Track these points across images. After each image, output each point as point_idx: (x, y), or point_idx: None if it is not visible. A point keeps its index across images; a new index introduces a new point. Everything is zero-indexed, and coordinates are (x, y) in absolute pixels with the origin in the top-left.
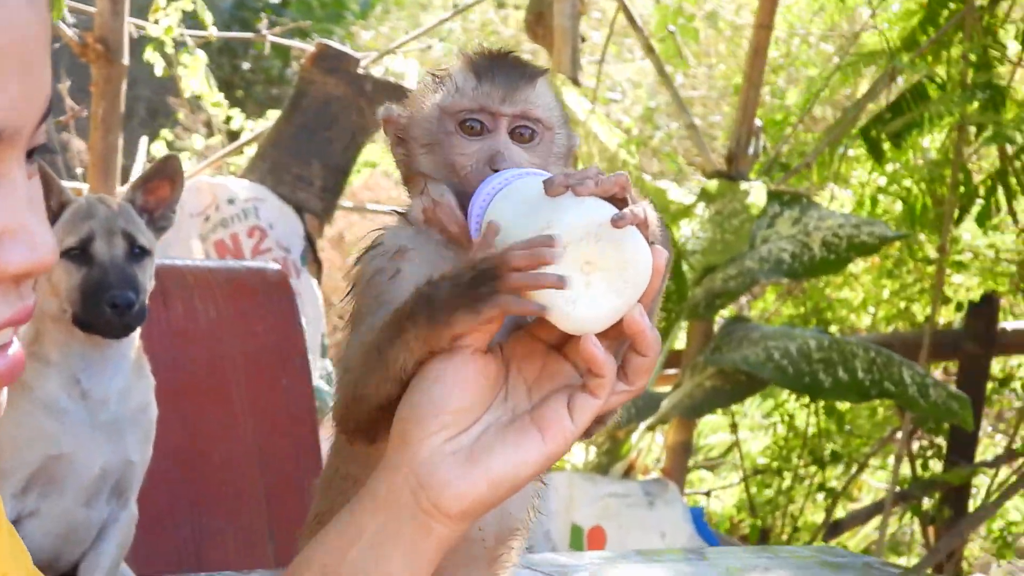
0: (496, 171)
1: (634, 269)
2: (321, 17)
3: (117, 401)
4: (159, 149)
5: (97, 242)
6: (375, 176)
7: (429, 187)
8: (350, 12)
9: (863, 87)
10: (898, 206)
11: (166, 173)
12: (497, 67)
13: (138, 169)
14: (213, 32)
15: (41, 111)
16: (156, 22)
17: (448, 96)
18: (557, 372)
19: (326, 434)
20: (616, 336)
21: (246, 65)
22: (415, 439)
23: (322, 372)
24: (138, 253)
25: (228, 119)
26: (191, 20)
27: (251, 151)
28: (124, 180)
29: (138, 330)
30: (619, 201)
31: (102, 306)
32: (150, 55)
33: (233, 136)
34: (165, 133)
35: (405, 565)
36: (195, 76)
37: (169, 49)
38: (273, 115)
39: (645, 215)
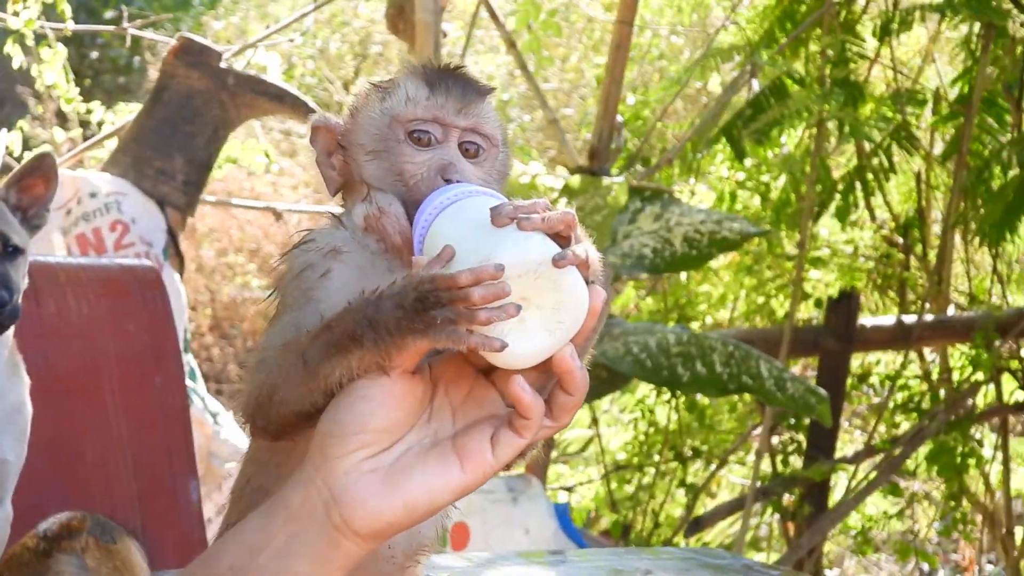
0: (448, 181)
1: (569, 309)
2: (169, 7)
3: None
4: (15, 140)
5: None
6: (229, 170)
7: (376, 195)
8: (198, 1)
9: (715, 83)
10: (756, 201)
11: (40, 171)
12: (451, 80)
13: None
14: (72, 25)
15: None
16: (16, 14)
17: (399, 104)
18: (484, 399)
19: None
20: (544, 371)
21: (94, 54)
22: (334, 454)
23: (184, 367)
24: (11, 252)
25: (88, 111)
26: (49, 11)
27: (111, 144)
28: None
29: (11, 329)
30: (562, 238)
31: None
32: (10, 48)
33: (87, 127)
34: (21, 123)
35: (310, 573)
36: (53, 69)
37: (29, 42)
38: (127, 107)
39: (586, 255)
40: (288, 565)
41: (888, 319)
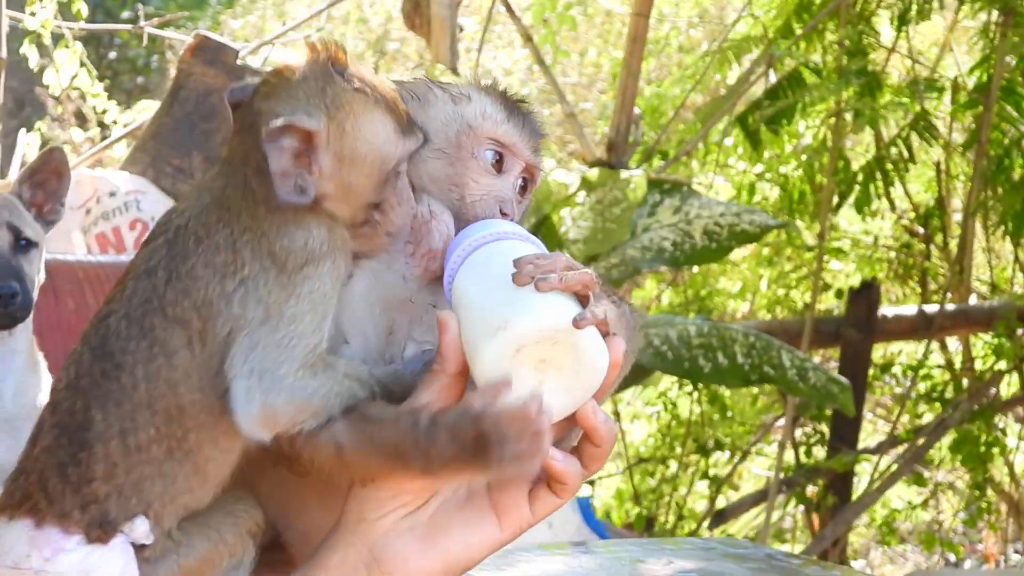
0: (505, 214)
1: (588, 370)
2: (185, 5)
3: (12, 397)
4: (33, 141)
5: None
6: None
7: (431, 202)
8: (216, 0)
9: (734, 75)
10: (775, 193)
11: (51, 166)
12: (526, 112)
13: (16, 162)
14: (87, 24)
15: None
16: (33, 14)
17: (476, 116)
18: None
19: None
20: (569, 426)
21: (112, 55)
22: (372, 516)
23: None
24: (24, 245)
25: (103, 111)
26: (62, 11)
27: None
28: (3, 173)
29: (30, 326)
30: (582, 297)
31: None
32: (26, 48)
33: (105, 128)
34: (40, 125)
35: None
36: (72, 66)
37: (46, 41)
38: (145, 105)
39: (604, 315)
40: None
41: (909, 309)
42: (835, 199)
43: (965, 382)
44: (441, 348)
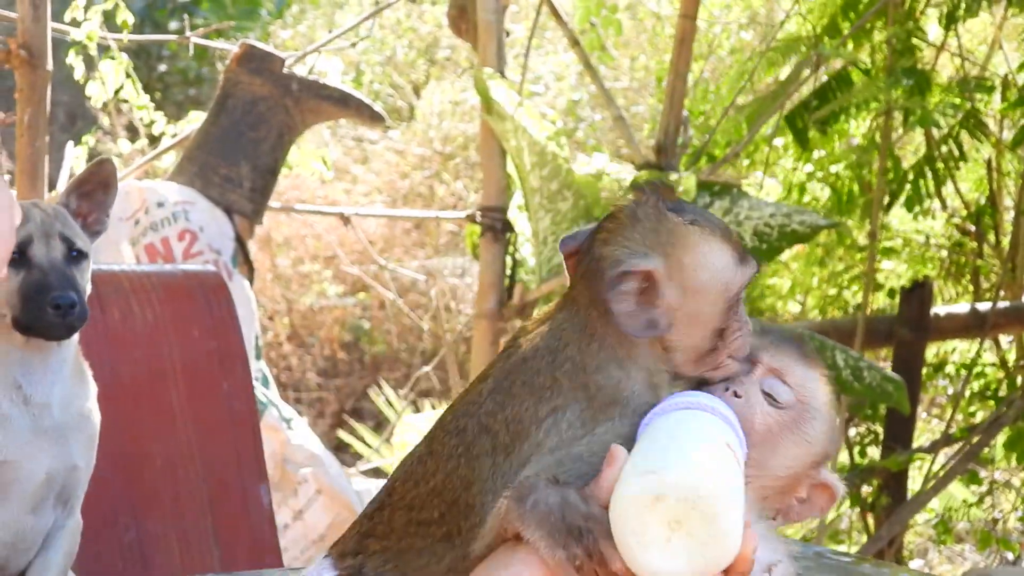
0: (737, 396)
1: (718, 547)
2: (235, 16)
3: (60, 406)
4: (82, 154)
5: (35, 245)
6: (303, 178)
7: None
8: (265, 11)
9: (783, 74)
10: (825, 193)
11: (100, 177)
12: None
13: (64, 174)
14: (134, 35)
15: None
16: (78, 25)
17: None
18: None
19: (265, 435)
20: None
21: (162, 67)
22: None
23: (256, 374)
24: (76, 256)
25: (151, 123)
26: (108, 22)
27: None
28: (51, 187)
29: (76, 336)
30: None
31: (44, 308)
32: (72, 59)
33: (154, 140)
34: (87, 139)
35: None
36: (118, 78)
37: (91, 52)
38: (195, 115)
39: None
40: None
41: (962, 307)
42: (886, 198)
43: (1019, 380)
44: (599, 478)
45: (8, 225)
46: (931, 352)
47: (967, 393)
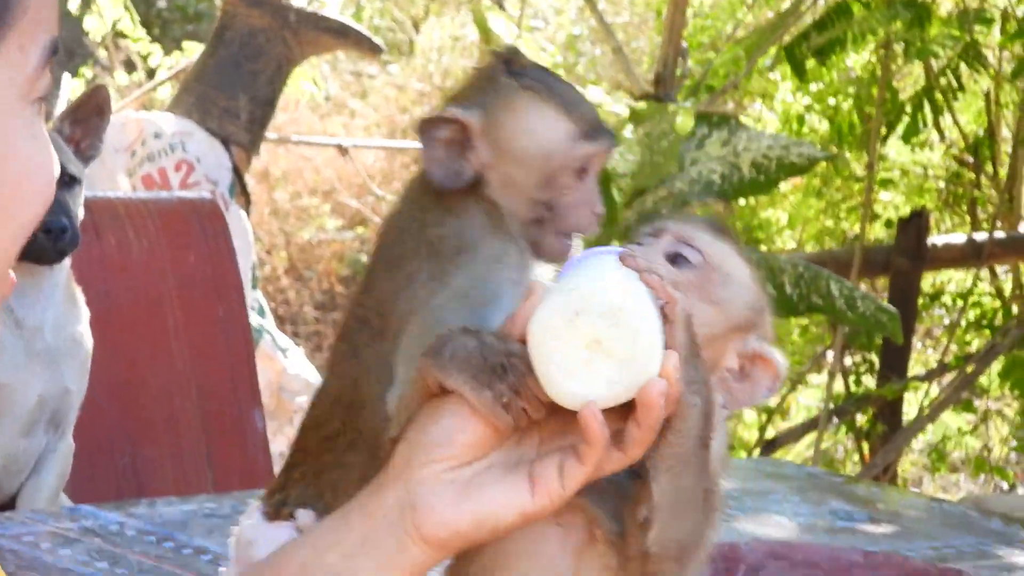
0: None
1: (637, 366)
2: None
3: (52, 330)
4: (78, 87)
5: None
6: (301, 112)
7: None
8: None
9: (785, 7)
10: (823, 126)
11: (95, 103)
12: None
13: (60, 106)
14: None
15: None
16: None
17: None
18: (569, 430)
19: (261, 364)
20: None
21: (161, 3)
22: (418, 463)
23: (253, 303)
24: (68, 181)
25: (147, 55)
26: None
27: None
28: (47, 118)
29: (68, 260)
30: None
31: (35, 232)
32: None
33: (151, 74)
34: (84, 70)
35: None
36: (115, 11)
37: None
38: (192, 48)
39: (685, 324)
40: (355, 565)
41: (959, 237)
42: (883, 130)
43: (1015, 309)
44: (515, 314)
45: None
46: (927, 282)
47: (963, 323)
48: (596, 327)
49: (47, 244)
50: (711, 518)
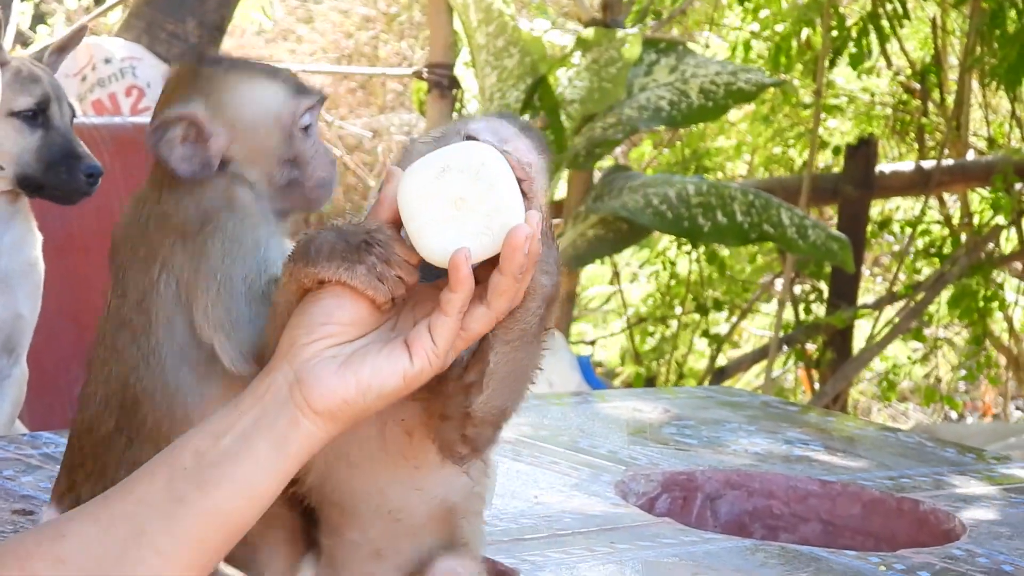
0: None
1: (499, 224)
2: None
3: (8, 254)
4: (27, 11)
5: (53, 106)
6: (248, 38)
7: None
8: None
9: None
10: (770, 53)
11: (78, 39)
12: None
13: (11, 31)
14: None
15: None
16: None
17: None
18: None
19: None
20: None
21: None
22: (302, 342)
23: None
24: (73, 116)
25: None
26: None
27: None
28: None
29: None
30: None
31: (77, 175)
32: None
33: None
34: None
35: (270, 454)
36: None
37: None
38: None
39: (534, 182)
40: (249, 445)
41: (907, 165)
42: (830, 56)
43: (963, 237)
44: (379, 199)
45: None
46: (876, 210)
47: (911, 251)
48: (461, 183)
49: (87, 188)
50: (527, 392)
